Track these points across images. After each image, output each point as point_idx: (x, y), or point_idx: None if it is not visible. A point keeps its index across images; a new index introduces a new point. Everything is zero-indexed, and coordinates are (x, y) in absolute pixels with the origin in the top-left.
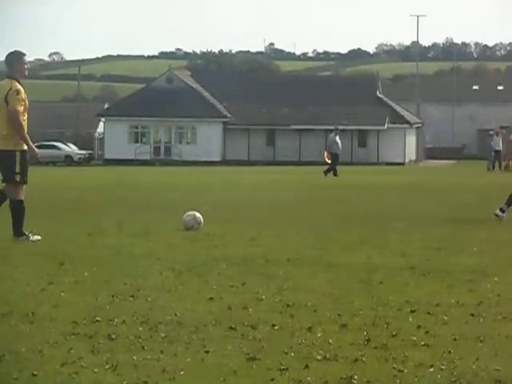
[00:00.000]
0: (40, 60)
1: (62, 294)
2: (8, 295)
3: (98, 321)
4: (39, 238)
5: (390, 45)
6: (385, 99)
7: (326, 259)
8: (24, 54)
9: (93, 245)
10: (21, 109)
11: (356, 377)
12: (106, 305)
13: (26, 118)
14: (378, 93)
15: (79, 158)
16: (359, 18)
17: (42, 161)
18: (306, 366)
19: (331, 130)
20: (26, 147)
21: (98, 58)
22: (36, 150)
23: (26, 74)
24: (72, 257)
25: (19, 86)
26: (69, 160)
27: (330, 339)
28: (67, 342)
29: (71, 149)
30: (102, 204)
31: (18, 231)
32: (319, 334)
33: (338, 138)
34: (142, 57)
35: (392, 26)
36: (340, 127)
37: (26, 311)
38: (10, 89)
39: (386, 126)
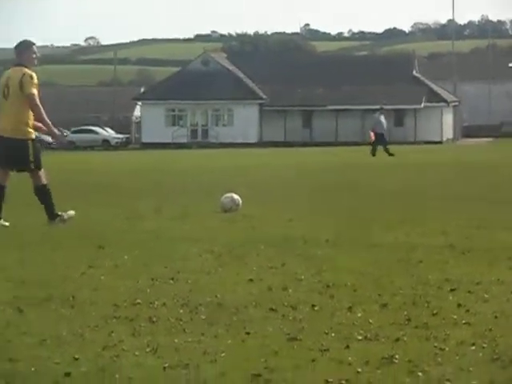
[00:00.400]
0: (76, 45)
1: (102, 277)
2: (48, 279)
3: (138, 304)
4: (73, 212)
5: (426, 23)
6: (421, 78)
7: (364, 239)
8: (33, 43)
9: (131, 228)
10: (36, 92)
11: (397, 356)
12: (146, 288)
13: None
14: (414, 72)
15: (116, 142)
16: None
17: (80, 145)
18: (347, 346)
19: (375, 110)
20: (34, 136)
21: (133, 42)
22: (56, 133)
23: (36, 62)
24: (111, 240)
25: (32, 72)
26: (106, 144)
27: (371, 319)
28: (108, 325)
29: (108, 133)
30: (139, 188)
31: (52, 214)
32: (359, 314)
33: (382, 118)
34: (178, 40)
35: (427, 4)
36: (384, 107)
37: (67, 295)
38: (24, 74)
39: (422, 105)
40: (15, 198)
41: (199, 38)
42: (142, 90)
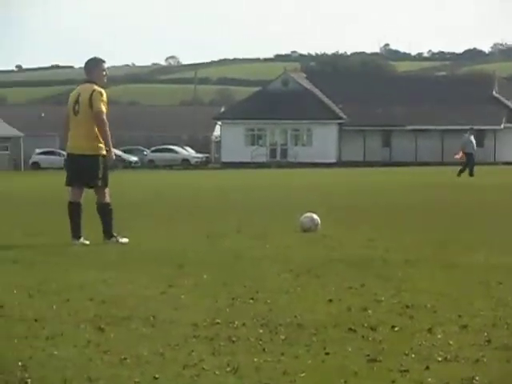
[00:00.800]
0: (157, 64)
1: (182, 296)
2: (128, 299)
3: (218, 323)
4: (127, 240)
5: (506, 44)
6: (501, 99)
7: (445, 260)
8: (103, 61)
9: (211, 247)
10: (105, 110)
11: (477, 378)
12: (225, 307)
13: None
14: (494, 92)
15: (196, 162)
16: (474, 17)
17: (160, 164)
18: (427, 368)
19: (466, 131)
20: (105, 152)
21: (214, 62)
22: (113, 153)
23: (105, 80)
24: (191, 259)
25: (101, 89)
26: (186, 163)
27: (451, 340)
28: (188, 344)
29: (188, 152)
30: (219, 206)
31: (109, 233)
32: (439, 336)
33: (472, 138)
34: (258, 60)
35: (507, 25)
36: (467, 127)
37: (147, 314)
38: (94, 90)
39: (502, 126)
40: (96, 217)
41: (279, 57)
42: (222, 109)
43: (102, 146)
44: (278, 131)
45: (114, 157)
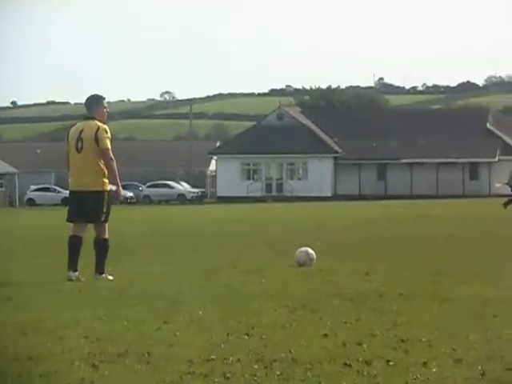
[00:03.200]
0: (152, 100)
1: (177, 333)
2: (123, 335)
3: (213, 359)
4: (112, 278)
5: (499, 77)
6: (495, 131)
7: (439, 293)
8: (104, 98)
9: (207, 283)
10: (110, 147)
11: None
12: (220, 343)
13: None
14: (488, 125)
15: (192, 197)
16: (468, 50)
17: (155, 199)
18: None
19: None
20: (109, 187)
21: (209, 97)
22: (121, 190)
23: (106, 117)
24: (186, 295)
25: (105, 126)
26: (182, 198)
27: (445, 374)
28: (183, 381)
29: (184, 187)
30: (215, 241)
31: (101, 269)
32: (434, 369)
33: None
34: (253, 94)
35: (500, 57)
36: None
37: (142, 351)
38: (99, 128)
39: (497, 158)
40: (89, 253)
41: (274, 92)
42: (218, 144)
43: (106, 181)
44: (273, 165)
45: (122, 195)
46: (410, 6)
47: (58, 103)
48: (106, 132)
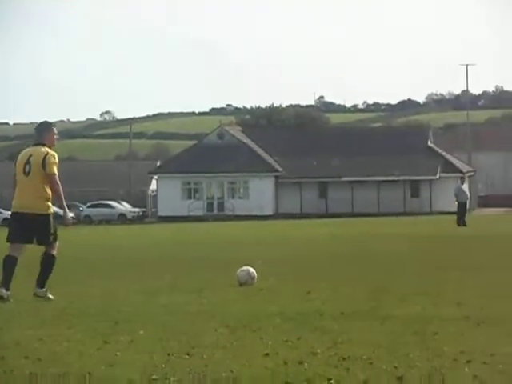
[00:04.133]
0: (92, 119)
1: (118, 353)
2: (64, 355)
3: (154, 379)
4: (52, 297)
5: (440, 94)
6: (436, 149)
7: (380, 311)
8: (54, 125)
9: (147, 303)
10: (57, 172)
11: None
12: (161, 363)
13: None
14: (429, 142)
15: (133, 216)
16: (408, 68)
17: (96, 219)
18: None
19: (461, 178)
20: (53, 209)
21: (149, 116)
22: (68, 214)
23: (56, 143)
24: (126, 315)
25: (54, 152)
26: (122, 218)
27: None
28: None
29: (124, 207)
30: (155, 262)
31: (43, 284)
32: None
33: (465, 187)
34: (193, 113)
35: (441, 75)
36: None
37: (83, 371)
38: (47, 153)
39: (438, 176)
40: (29, 273)
41: (214, 111)
42: (158, 163)
43: (50, 204)
44: (214, 184)
45: (71, 218)
46: (351, 22)
47: None
48: (54, 158)
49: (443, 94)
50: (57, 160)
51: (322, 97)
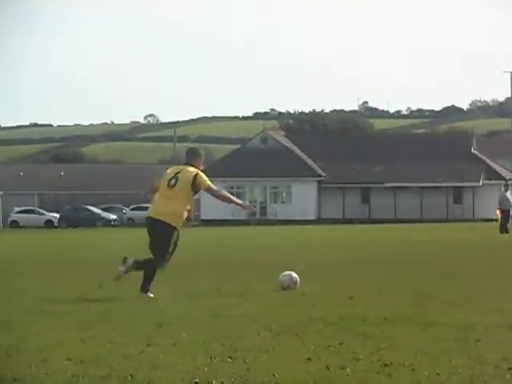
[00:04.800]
0: (136, 122)
1: (161, 356)
2: (107, 358)
3: (196, 383)
4: (152, 296)
5: (484, 101)
6: (479, 155)
7: (423, 318)
8: (203, 153)
9: (190, 306)
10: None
11: None
12: (204, 366)
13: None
14: (472, 149)
15: None
16: (452, 75)
17: (139, 222)
18: None
19: (505, 185)
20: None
21: (193, 120)
22: (245, 203)
23: (202, 167)
24: (169, 318)
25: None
26: None
27: None
28: None
29: None
30: (198, 265)
31: (147, 288)
32: None
33: (509, 194)
34: (237, 118)
35: (485, 82)
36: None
37: (125, 374)
38: (197, 173)
39: (481, 183)
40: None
41: (258, 115)
42: (202, 167)
43: (180, 224)
44: (257, 189)
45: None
46: (394, 29)
47: (41, 125)
48: (202, 176)
49: (487, 100)
50: (205, 177)
51: (365, 102)
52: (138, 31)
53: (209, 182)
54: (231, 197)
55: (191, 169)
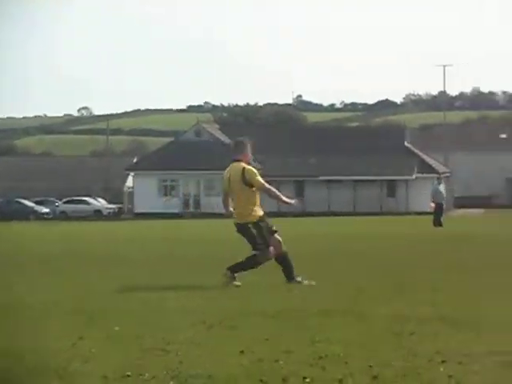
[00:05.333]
0: (69, 115)
1: (93, 349)
2: (39, 351)
3: (128, 376)
4: (307, 282)
5: (418, 95)
6: (413, 149)
7: (358, 310)
8: (248, 143)
9: (124, 299)
10: (262, 180)
11: None
12: (136, 359)
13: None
14: (405, 143)
15: (108, 213)
16: (386, 68)
17: (72, 215)
18: None
19: (438, 178)
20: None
21: (126, 112)
22: (291, 200)
23: (250, 161)
24: (103, 311)
25: (250, 167)
26: (98, 214)
27: None
28: None
29: (100, 203)
30: (132, 258)
31: (291, 277)
32: None
33: (441, 187)
34: (171, 110)
35: (419, 76)
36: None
37: (57, 367)
38: (244, 168)
39: (414, 176)
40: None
41: (192, 108)
42: (135, 160)
43: (255, 217)
44: (191, 182)
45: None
46: (330, 22)
47: None
48: (252, 171)
49: (420, 94)
50: (255, 171)
51: (299, 95)
52: (67, 21)
53: (259, 180)
54: (278, 194)
55: (238, 166)
